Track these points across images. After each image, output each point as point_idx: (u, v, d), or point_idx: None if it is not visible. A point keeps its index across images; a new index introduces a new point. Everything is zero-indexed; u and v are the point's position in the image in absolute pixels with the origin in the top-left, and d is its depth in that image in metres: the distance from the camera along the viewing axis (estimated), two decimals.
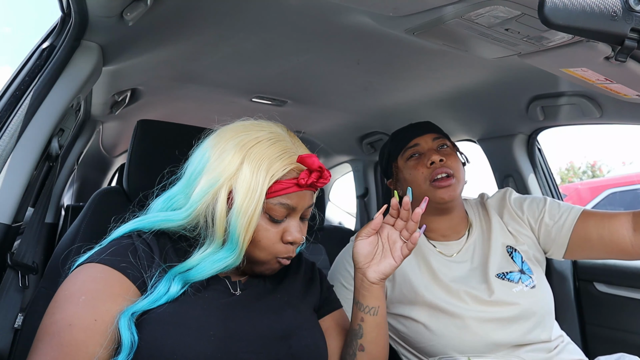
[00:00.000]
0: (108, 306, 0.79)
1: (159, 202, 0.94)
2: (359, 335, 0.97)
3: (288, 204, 0.88)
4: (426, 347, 1.22)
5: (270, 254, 0.90)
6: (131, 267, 0.84)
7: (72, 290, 0.80)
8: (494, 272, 1.25)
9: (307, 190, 0.91)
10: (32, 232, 1.10)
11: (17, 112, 0.99)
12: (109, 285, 0.81)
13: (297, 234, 0.90)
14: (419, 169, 1.29)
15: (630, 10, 0.70)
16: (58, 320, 0.76)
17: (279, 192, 0.87)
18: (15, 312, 0.98)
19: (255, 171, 0.85)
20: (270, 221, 0.89)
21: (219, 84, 1.71)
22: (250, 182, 0.84)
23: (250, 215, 0.84)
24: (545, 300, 1.23)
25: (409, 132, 1.37)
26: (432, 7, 1.00)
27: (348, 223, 3.36)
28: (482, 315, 1.18)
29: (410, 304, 1.25)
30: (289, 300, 0.98)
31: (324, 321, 1.04)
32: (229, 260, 0.86)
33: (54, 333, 0.75)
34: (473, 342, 1.17)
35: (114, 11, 1.04)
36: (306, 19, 1.18)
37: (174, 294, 0.83)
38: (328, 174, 0.90)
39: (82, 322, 0.76)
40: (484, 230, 1.35)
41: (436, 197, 1.26)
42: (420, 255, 1.31)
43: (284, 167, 0.87)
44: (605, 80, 1.10)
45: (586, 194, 4.93)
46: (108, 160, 2.90)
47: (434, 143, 1.33)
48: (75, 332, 0.75)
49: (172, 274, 0.85)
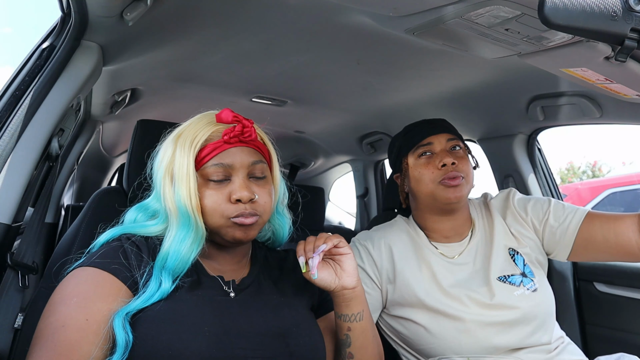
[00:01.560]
0: (99, 306, 0.81)
1: (132, 212, 1.00)
2: (347, 344, 0.97)
3: (222, 163, 0.91)
4: (426, 349, 1.22)
5: (221, 216, 0.91)
6: (121, 268, 0.87)
7: (64, 294, 0.83)
8: (496, 275, 1.23)
9: (240, 146, 0.93)
10: (32, 232, 1.10)
11: (17, 112, 0.99)
12: (99, 286, 0.84)
13: (240, 190, 0.90)
14: (429, 169, 1.26)
15: (630, 10, 0.70)
16: (52, 322, 0.79)
17: (210, 155, 0.91)
18: (15, 312, 0.97)
19: (182, 147, 0.92)
20: (214, 185, 0.92)
21: (219, 84, 1.71)
22: (180, 158, 0.91)
23: (187, 184, 0.89)
24: (546, 303, 1.22)
25: (424, 129, 1.32)
26: (432, 7, 1.00)
27: (348, 223, 3.36)
28: (482, 319, 1.18)
29: (410, 306, 1.24)
30: (285, 300, 0.98)
31: (321, 320, 1.04)
32: (190, 234, 0.90)
33: (48, 335, 0.78)
34: (473, 345, 1.16)
35: (114, 11, 1.04)
36: (306, 19, 1.18)
37: (166, 290, 0.86)
38: (249, 122, 0.94)
39: (75, 322, 0.79)
40: (487, 232, 1.34)
41: (443, 196, 1.24)
42: (421, 257, 1.30)
43: (207, 132, 0.92)
44: (605, 80, 1.10)
45: (586, 194, 4.93)
46: (108, 160, 2.90)
47: (448, 144, 1.29)
48: (68, 332, 0.78)
49: (157, 269, 0.88)
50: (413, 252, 1.30)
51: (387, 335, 1.33)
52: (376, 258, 1.30)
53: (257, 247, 1.09)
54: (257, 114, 2.00)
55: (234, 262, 1.00)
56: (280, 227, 1.09)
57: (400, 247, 1.31)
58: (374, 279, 1.29)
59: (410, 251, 1.31)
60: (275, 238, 1.11)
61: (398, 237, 1.34)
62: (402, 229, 1.37)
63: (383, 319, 1.33)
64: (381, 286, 1.29)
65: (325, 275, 0.94)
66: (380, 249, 1.31)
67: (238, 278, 0.98)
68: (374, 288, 1.29)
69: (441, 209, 1.29)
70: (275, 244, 1.12)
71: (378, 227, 1.42)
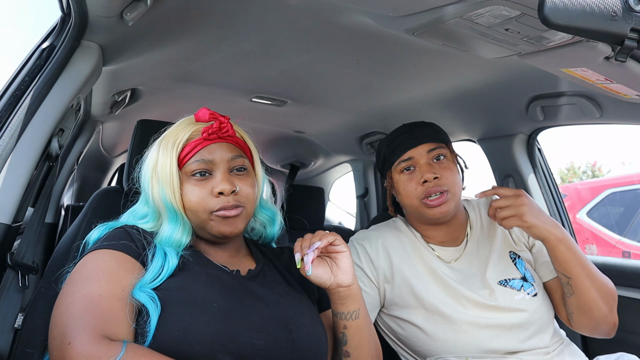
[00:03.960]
0: (128, 279, 0.84)
1: (125, 216, 1.03)
2: (343, 342, 0.99)
3: (203, 159, 0.96)
4: (423, 350, 1.22)
5: (204, 210, 0.94)
6: (131, 245, 0.90)
7: (87, 272, 0.84)
8: (497, 279, 1.23)
9: (219, 142, 0.98)
10: (32, 232, 1.10)
11: (17, 112, 0.99)
12: (120, 263, 0.86)
13: (222, 184, 0.94)
14: (412, 184, 1.25)
15: (630, 10, 0.70)
16: (85, 295, 0.79)
17: (191, 153, 0.96)
18: (15, 312, 0.97)
19: (165, 148, 0.97)
20: (196, 181, 0.96)
21: (219, 84, 1.71)
22: (163, 158, 0.97)
23: (170, 182, 0.95)
24: (546, 308, 1.22)
25: (405, 141, 1.29)
26: (432, 7, 1.00)
27: (348, 223, 3.36)
28: (480, 321, 1.17)
29: (407, 307, 1.24)
30: (290, 291, 1.00)
31: (321, 317, 1.04)
32: (178, 227, 0.95)
33: (86, 305, 0.77)
34: (469, 347, 1.16)
35: (114, 11, 1.04)
36: (306, 19, 1.18)
37: (173, 264, 0.89)
38: (225, 119, 0.99)
39: (111, 292, 0.80)
40: (485, 233, 1.34)
41: (427, 213, 1.24)
42: (419, 257, 1.30)
43: (187, 132, 0.98)
44: (605, 80, 1.10)
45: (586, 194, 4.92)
46: (108, 160, 2.90)
47: (429, 155, 1.26)
48: (108, 301, 0.79)
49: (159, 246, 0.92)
50: (411, 252, 1.31)
51: (386, 335, 1.33)
52: (373, 257, 1.30)
53: (252, 244, 1.11)
54: (257, 113, 2.00)
55: (228, 256, 1.02)
56: (270, 221, 1.11)
57: (397, 246, 1.31)
58: (371, 278, 1.29)
59: (408, 251, 1.31)
60: (267, 233, 1.13)
61: (396, 237, 1.34)
62: (400, 229, 1.37)
63: (381, 319, 1.33)
64: (378, 285, 1.29)
65: (320, 272, 0.95)
66: (378, 248, 1.31)
67: (244, 269, 1.00)
68: (372, 287, 1.29)
69: (428, 222, 1.31)
70: (268, 238, 1.14)
71: (376, 226, 1.42)
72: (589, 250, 4.50)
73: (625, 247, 4.34)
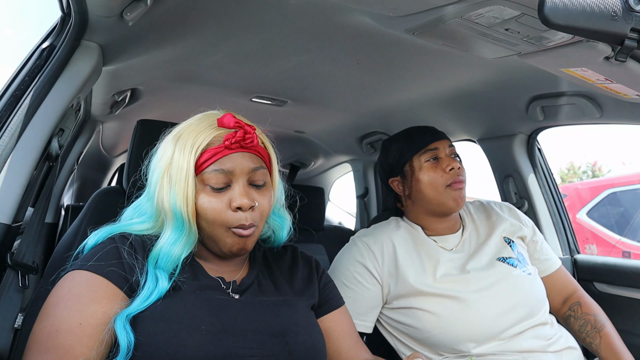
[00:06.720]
0: (93, 309, 0.81)
1: (129, 210, 0.99)
2: None
3: (222, 169, 0.89)
4: (430, 337, 1.23)
5: (221, 225, 0.90)
6: (117, 270, 0.87)
7: (59, 297, 0.83)
8: (495, 256, 1.33)
9: (241, 152, 0.91)
10: (32, 232, 1.10)
11: (17, 112, 0.99)
12: (94, 290, 0.84)
13: (241, 198, 0.89)
14: (437, 172, 1.33)
15: (630, 10, 0.70)
16: (46, 327, 0.80)
17: (210, 160, 0.89)
18: (15, 312, 0.97)
19: (182, 150, 0.90)
20: (213, 191, 0.90)
21: (219, 84, 1.71)
22: (180, 160, 0.89)
23: (184, 189, 0.88)
24: (540, 289, 1.32)
25: (429, 135, 1.39)
26: (432, 7, 1.00)
27: (348, 223, 3.36)
28: (487, 300, 1.23)
29: (414, 295, 1.27)
30: (285, 299, 0.98)
31: (322, 321, 1.04)
32: (182, 238, 0.90)
33: (41, 340, 0.78)
34: (477, 324, 1.20)
35: (114, 11, 1.04)
36: (306, 19, 1.18)
37: (164, 288, 0.86)
38: (251, 128, 0.92)
39: (68, 326, 0.79)
40: (478, 226, 1.43)
41: (449, 200, 1.32)
42: (422, 249, 1.35)
43: (208, 136, 0.90)
44: (605, 80, 1.10)
45: (586, 193, 4.92)
46: (108, 160, 2.90)
47: (449, 150, 1.38)
48: (61, 337, 0.78)
49: (151, 268, 0.88)
50: (414, 245, 1.36)
51: (387, 332, 1.35)
52: (377, 253, 1.33)
53: (256, 246, 1.09)
54: (257, 114, 1.99)
55: (232, 264, 1.00)
56: (280, 227, 1.09)
57: (400, 241, 1.36)
58: (374, 274, 1.31)
59: (410, 245, 1.36)
60: (275, 237, 1.11)
61: (398, 233, 1.38)
62: (400, 225, 1.42)
63: (383, 314, 1.34)
64: (382, 281, 1.31)
65: None
66: (382, 244, 1.34)
67: (238, 279, 0.98)
68: (374, 284, 1.31)
69: (441, 212, 1.36)
70: (275, 243, 1.13)
71: (375, 225, 1.46)
72: (589, 250, 4.50)
73: (625, 247, 4.34)
